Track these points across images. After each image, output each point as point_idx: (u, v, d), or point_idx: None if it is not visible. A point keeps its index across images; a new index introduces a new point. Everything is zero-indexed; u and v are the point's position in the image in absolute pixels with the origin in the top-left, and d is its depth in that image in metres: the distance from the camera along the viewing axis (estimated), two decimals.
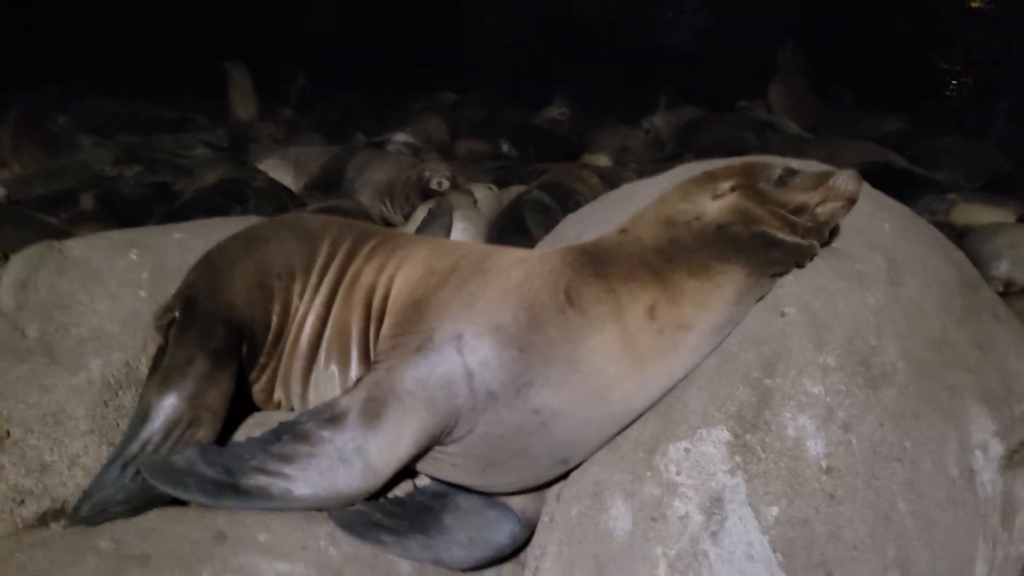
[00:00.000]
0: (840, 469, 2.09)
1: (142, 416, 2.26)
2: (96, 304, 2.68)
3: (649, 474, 2.12)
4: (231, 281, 2.47)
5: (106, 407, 2.48)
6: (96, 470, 2.29)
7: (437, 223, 5.27)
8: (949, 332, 2.49)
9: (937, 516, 2.18)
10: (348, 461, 2.12)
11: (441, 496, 2.37)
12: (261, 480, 2.12)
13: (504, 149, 9.61)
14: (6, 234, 4.40)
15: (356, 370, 2.42)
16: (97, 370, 2.52)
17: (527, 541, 2.39)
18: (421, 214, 5.55)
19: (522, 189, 6.14)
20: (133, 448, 2.22)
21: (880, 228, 2.69)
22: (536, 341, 2.13)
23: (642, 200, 2.53)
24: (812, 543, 2.01)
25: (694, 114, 10.59)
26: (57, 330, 2.61)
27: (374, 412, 2.15)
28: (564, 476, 2.35)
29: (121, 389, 2.53)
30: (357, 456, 2.12)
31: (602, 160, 8.69)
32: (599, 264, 2.23)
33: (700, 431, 2.12)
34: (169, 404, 2.25)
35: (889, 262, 2.52)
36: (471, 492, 2.38)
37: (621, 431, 2.24)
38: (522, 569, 2.38)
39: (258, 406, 2.59)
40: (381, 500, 2.27)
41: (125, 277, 2.79)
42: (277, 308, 2.50)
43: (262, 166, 7.04)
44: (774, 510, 2.03)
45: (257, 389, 2.55)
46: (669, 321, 2.12)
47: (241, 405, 2.50)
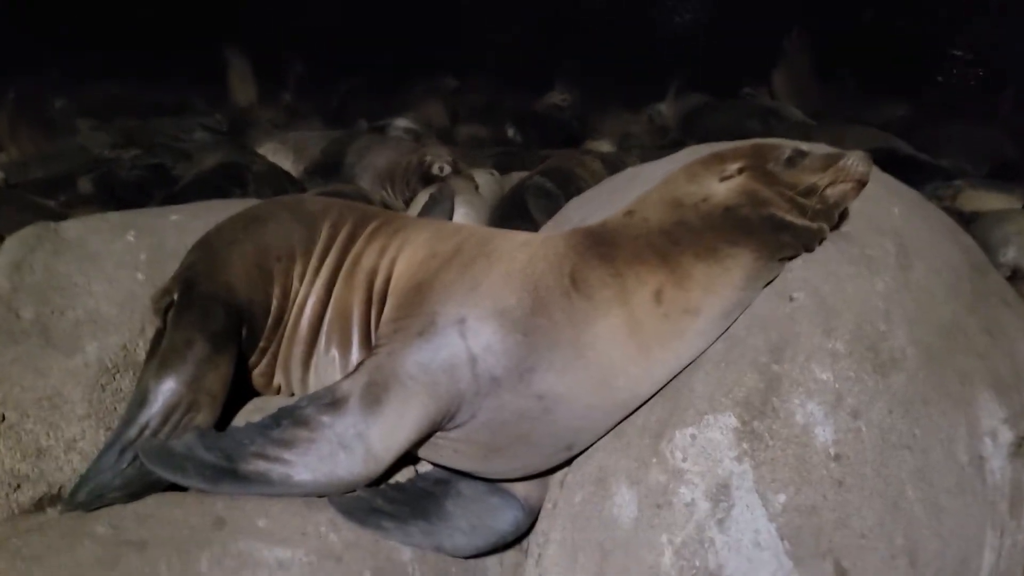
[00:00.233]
0: (849, 456, 2.06)
1: (140, 400, 2.22)
2: (93, 286, 2.64)
3: (655, 460, 2.08)
4: (230, 263, 2.43)
5: (103, 391, 2.44)
6: (93, 455, 2.26)
7: (438, 208, 5.23)
8: (959, 317, 2.46)
9: (946, 504, 2.15)
10: (349, 447, 2.09)
11: (443, 482, 2.34)
12: (260, 465, 2.09)
13: (510, 134, 9.55)
14: (4, 217, 4.36)
15: (357, 354, 2.39)
16: (94, 353, 2.48)
17: (530, 528, 2.36)
18: (422, 199, 5.51)
19: (523, 175, 6.09)
20: (131, 433, 2.19)
21: (889, 212, 2.65)
22: (540, 325, 2.09)
23: (647, 183, 2.49)
24: (820, 531, 1.98)
25: (697, 101, 10.51)
26: (53, 312, 2.57)
27: (375, 397, 2.11)
28: (568, 462, 2.32)
29: (118, 373, 2.49)
30: (358, 442, 2.09)
31: (604, 146, 8.64)
32: (605, 247, 2.18)
33: (707, 417, 2.09)
34: (167, 388, 2.21)
35: (898, 246, 2.48)
36: (473, 478, 2.35)
37: (626, 417, 2.21)
38: (525, 556, 2.36)
39: (258, 391, 2.55)
40: (382, 486, 2.24)
41: (122, 259, 2.74)
42: (277, 291, 2.46)
43: (261, 150, 6.99)
44: (782, 497, 2.00)
45: (257, 373, 2.51)
46: (676, 306, 2.08)
47: (240, 390, 2.46)
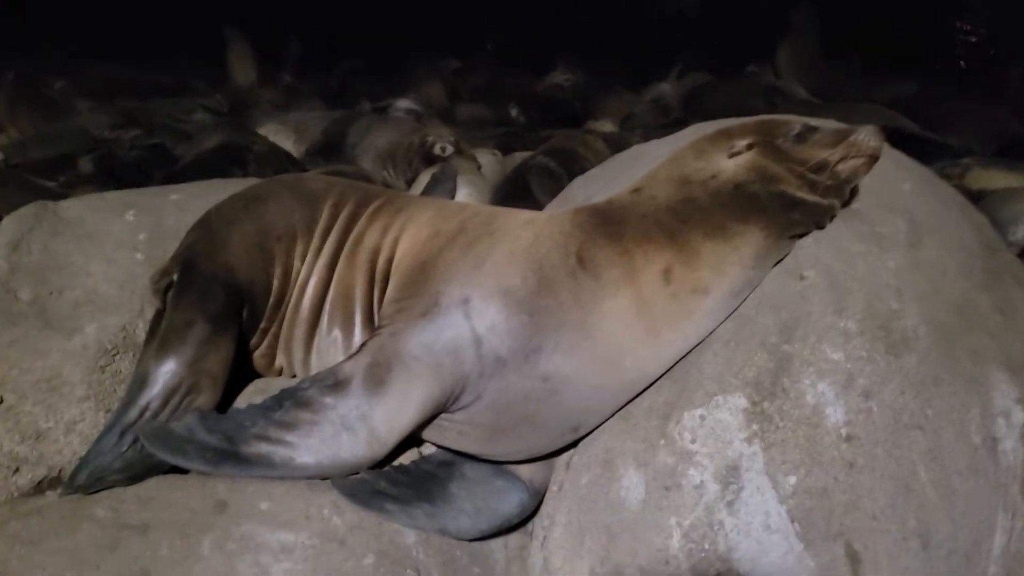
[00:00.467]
0: (860, 437, 2.03)
1: (140, 382, 2.19)
2: (91, 266, 2.60)
3: (663, 442, 2.05)
4: (230, 243, 2.39)
5: (102, 372, 2.40)
6: (93, 437, 2.22)
7: (440, 188, 5.19)
8: (971, 296, 2.41)
9: (958, 485, 2.12)
10: (352, 428, 2.06)
11: (447, 464, 2.31)
12: (263, 448, 2.06)
13: (512, 115, 9.46)
14: (3, 198, 4.30)
15: (360, 335, 2.35)
16: (93, 334, 2.44)
17: (535, 511, 2.34)
18: (424, 179, 5.47)
19: (526, 155, 6.03)
20: (131, 415, 2.16)
21: (900, 189, 2.60)
22: (546, 305, 2.05)
23: (652, 161, 2.44)
24: (831, 513, 1.95)
25: (701, 80, 10.40)
26: (51, 293, 2.53)
27: (378, 378, 2.08)
28: (574, 444, 2.29)
29: (118, 354, 2.45)
30: (361, 423, 2.06)
31: (607, 126, 8.56)
32: (612, 225, 2.14)
33: (716, 398, 2.06)
34: (168, 370, 2.18)
35: (909, 224, 2.44)
36: (478, 461, 2.32)
37: (634, 398, 2.18)
38: (530, 539, 2.33)
39: (259, 372, 2.52)
40: (386, 468, 2.21)
41: (121, 239, 2.70)
42: (278, 271, 2.42)
43: (262, 131, 6.91)
44: (792, 479, 1.97)
45: (258, 355, 2.48)
46: (685, 285, 2.05)
47: (242, 371, 2.43)
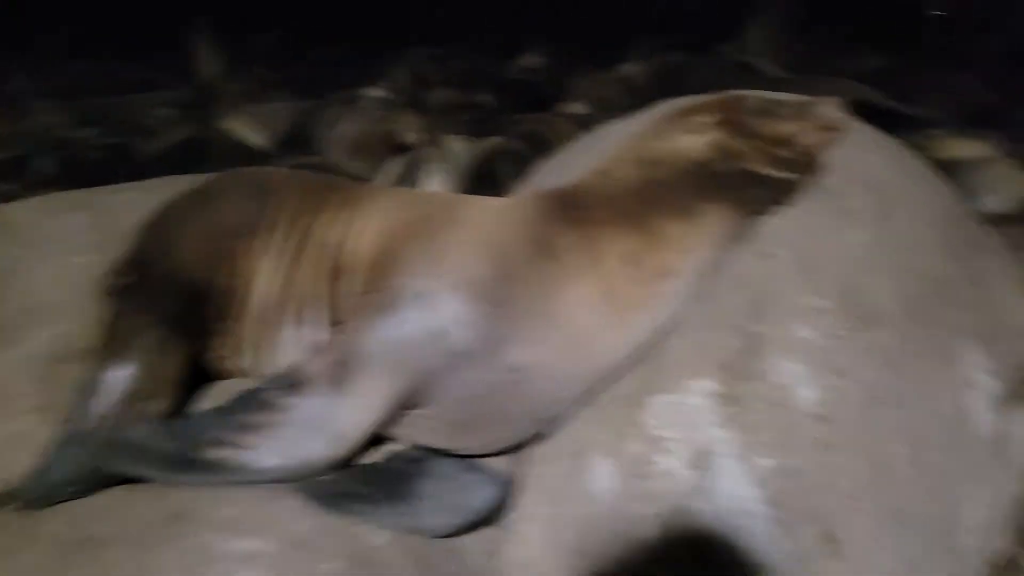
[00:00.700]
0: (834, 416, 2.00)
1: (92, 390, 2.11)
2: (38, 271, 2.50)
3: (633, 430, 2.01)
4: (182, 241, 2.30)
5: (52, 381, 2.31)
6: (44, 449, 2.14)
7: (409, 177, 5.12)
8: (942, 268, 2.39)
9: (933, 459, 2.10)
10: (315, 429, 2.00)
11: (416, 461, 2.25)
12: (223, 452, 2.00)
13: (483, 100, 9.37)
14: None
15: (319, 332, 2.27)
16: (42, 342, 2.35)
17: (509, 504, 2.29)
18: (393, 169, 5.40)
19: (496, 140, 5.97)
20: (83, 425, 2.08)
21: (868, 163, 2.56)
22: (510, 294, 2.00)
23: (617, 142, 2.39)
24: (807, 494, 1.92)
25: (672, 59, 10.34)
26: None
27: (340, 377, 2.01)
28: (545, 435, 2.24)
29: (68, 362, 2.35)
30: (324, 423, 2.00)
31: (579, 108, 8.48)
32: (574, 209, 2.09)
33: (685, 383, 2.01)
34: (120, 376, 2.10)
35: (878, 198, 2.40)
36: (448, 456, 2.27)
37: (603, 386, 2.13)
38: (504, 533, 2.29)
39: (219, 375, 2.44)
40: (352, 468, 2.15)
41: (71, 242, 2.60)
42: (232, 269, 2.33)
43: (229, 125, 6.80)
44: (766, 462, 1.93)
45: (216, 357, 2.39)
46: (650, 268, 2.00)
47: (200, 374, 2.35)
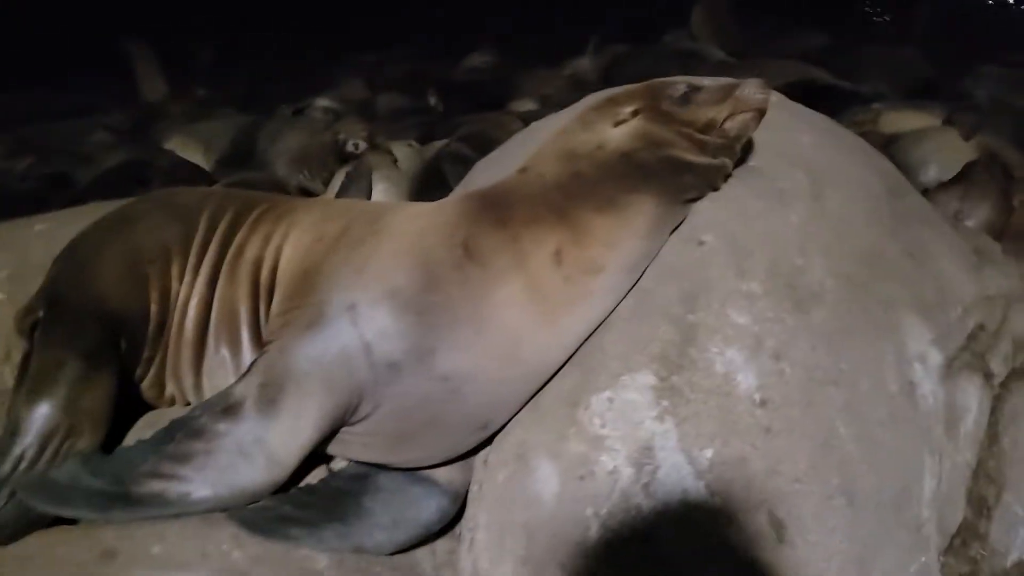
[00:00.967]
0: (775, 400, 1.97)
1: (12, 431, 2.03)
2: None
3: (573, 430, 1.97)
4: (99, 270, 2.23)
5: None
6: None
7: (355, 186, 5.05)
8: (878, 243, 2.39)
9: (880, 436, 2.09)
10: (248, 454, 1.93)
11: (360, 478, 2.20)
12: (155, 486, 1.92)
13: (431, 103, 9.31)
14: None
15: (249, 352, 2.22)
16: None
17: (460, 514, 2.24)
18: (340, 179, 5.32)
19: (443, 143, 5.91)
20: (5, 468, 1.99)
21: (799, 141, 2.55)
22: (435, 302, 1.95)
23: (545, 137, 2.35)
24: (751, 482, 1.89)
25: (618, 51, 10.37)
26: None
27: (270, 398, 1.95)
28: (489, 441, 2.20)
29: None
30: (257, 448, 1.93)
31: (528, 106, 8.46)
32: (498, 209, 2.05)
33: (622, 378, 1.98)
34: (41, 414, 2.02)
35: (810, 176, 2.39)
36: (393, 470, 2.21)
37: (541, 387, 2.09)
38: (458, 543, 2.24)
39: (151, 404, 2.37)
40: (292, 491, 2.09)
41: None
42: (155, 294, 2.27)
43: (169, 145, 6.67)
44: (708, 452, 1.90)
45: (146, 386, 2.32)
46: (577, 265, 1.96)
47: (133, 405, 2.28)
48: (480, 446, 2.21)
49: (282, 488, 2.04)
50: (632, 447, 1.91)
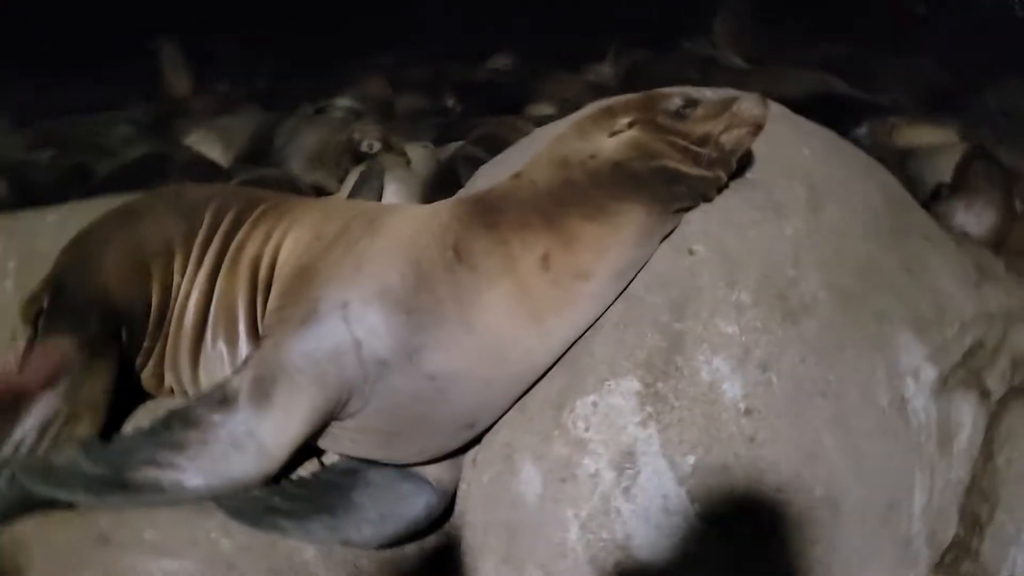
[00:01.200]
0: (760, 410, 1.99)
1: (15, 415, 2.08)
2: None
3: (557, 433, 2.00)
4: (103, 263, 2.29)
5: None
6: None
7: (368, 186, 5.07)
8: (875, 257, 2.39)
9: (867, 449, 2.09)
10: (241, 446, 1.97)
11: (351, 472, 2.23)
12: (151, 473, 1.96)
13: (449, 104, 9.35)
14: None
15: (245, 347, 2.26)
16: None
17: (449, 511, 2.27)
18: (353, 178, 5.35)
19: (457, 145, 5.94)
20: (5, 451, 2.05)
21: (799, 155, 2.55)
22: (425, 302, 1.98)
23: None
24: (732, 490, 1.91)
25: (638, 57, 10.36)
26: None
27: (263, 392, 1.99)
28: (478, 440, 2.23)
29: None
30: (249, 440, 1.97)
31: (546, 110, 8.47)
32: (490, 213, 2.07)
33: (608, 383, 2.00)
34: (42, 400, 2.08)
35: (809, 189, 2.39)
36: (383, 466, 2.25)
37: (528, 389, 2.11)
38: (446, 540, 2.27)
39: (150, 393, 2.42)
40: (283, 483, 2.13)
41: None
42: (156, 287, 2.33)
43: (189, 140, 6.75)
44: (690, 459, 1.92)
45: (146, 375, 2.38)
46: (565, 270, 1.98)
47: (133, 394, 2.34)
48: (469, 445, 2.24)
49: (274, 480, 2.08)
50: (614, 451, 1.93)
